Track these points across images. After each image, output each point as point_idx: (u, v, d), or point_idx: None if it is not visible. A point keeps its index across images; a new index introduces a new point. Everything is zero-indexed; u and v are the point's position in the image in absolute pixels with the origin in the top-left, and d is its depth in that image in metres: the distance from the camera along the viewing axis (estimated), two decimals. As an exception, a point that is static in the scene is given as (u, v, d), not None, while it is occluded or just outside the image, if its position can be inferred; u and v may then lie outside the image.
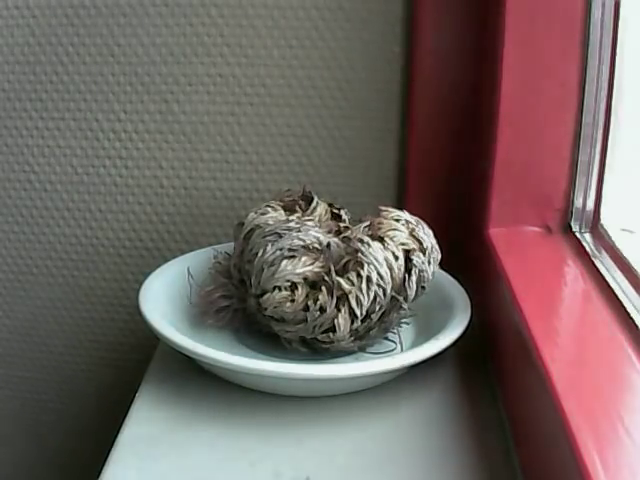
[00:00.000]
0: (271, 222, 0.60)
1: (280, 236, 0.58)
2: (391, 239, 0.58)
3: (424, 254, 0.59)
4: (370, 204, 0.67)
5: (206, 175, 0.79)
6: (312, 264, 0.57)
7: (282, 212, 0.62)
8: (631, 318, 0.50)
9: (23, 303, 0.86)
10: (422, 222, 0.61)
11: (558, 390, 0.42)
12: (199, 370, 0.59)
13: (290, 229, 0.58)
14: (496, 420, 0.56)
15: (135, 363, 0.85)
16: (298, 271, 0.57)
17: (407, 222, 0.60)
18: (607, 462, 0.37)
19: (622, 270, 0.56)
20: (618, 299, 0.52)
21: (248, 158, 0.78)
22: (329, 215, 0.64)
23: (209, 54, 0.75)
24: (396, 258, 0.57)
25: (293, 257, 0.57)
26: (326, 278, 0.56)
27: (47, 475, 0.95)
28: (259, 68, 0.75)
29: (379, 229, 0.59)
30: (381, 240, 0.58)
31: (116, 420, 0.56)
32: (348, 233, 0.60)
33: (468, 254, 0.72)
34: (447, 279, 0.66)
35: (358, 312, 0.56)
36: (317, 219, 0.62)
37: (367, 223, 0.60)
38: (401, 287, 0.58)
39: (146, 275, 0.67)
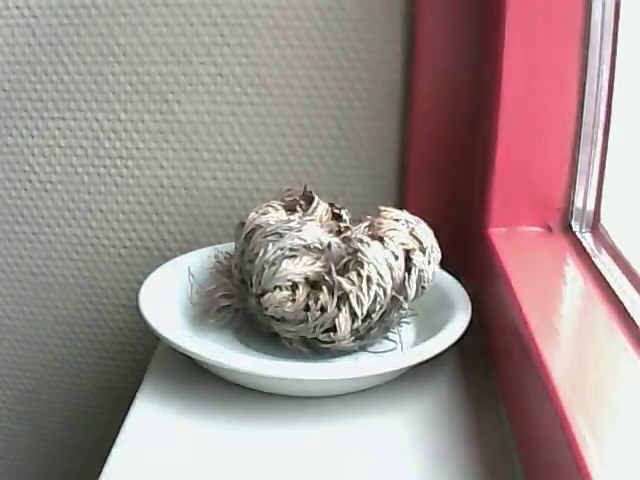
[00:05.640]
0: (272, 222, 0.60)
1: (281, 236, 0.58)
2: (391, 239, 0.58)
3: (424, 254, 0.59)
4: (370, 204, 0.67)
5: (207, 175, 0.79)
6: (313, 264, 0.57)
7: (283, 212, 0.62)
8: (631, 318, 0.50)
9: (23, 303, 0.86)
10: (422, 222, 0.61)
11: (558, 389, 0.43)
12: (199, 370, 0.59)
13: (291, 229, 0.58)
14: (496, 420, 0.56)
15: (135, 363, 0.86)
16: (299, 271, 0.57)
17: (407, 222, 0.60)
18: (607, 461, 0.37)
19: (622, 270, 0.56)
20: (618, 299, 0.52)
21: (249, 158, 0.78)
22: (330, 215, 0.64)
23: (210, 54, 0.75)
24: (396, 258, 0.57)
25: (294, 257, 0.57)
26: (327, 278, 0.56)
27: (48, 474, 0.95)
28: (260, 68, 0.75)
29: (379, 229, 0.59)
30: (381, 240, 0.58)
31: (116, 420, 0.56)
32: (348, 233, 0.60)
33: (468, 254, 0.72)
34: (447, 279, 0.66)
35: (359, 312, 0.56)
36: (318, 219, 0.62)
37: (367, 223, 0.60)
38: (401, 287, 0.58)
39: (146, 275, 0.67)
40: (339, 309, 0.56)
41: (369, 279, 0.56)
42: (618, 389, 0.45)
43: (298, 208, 0.64)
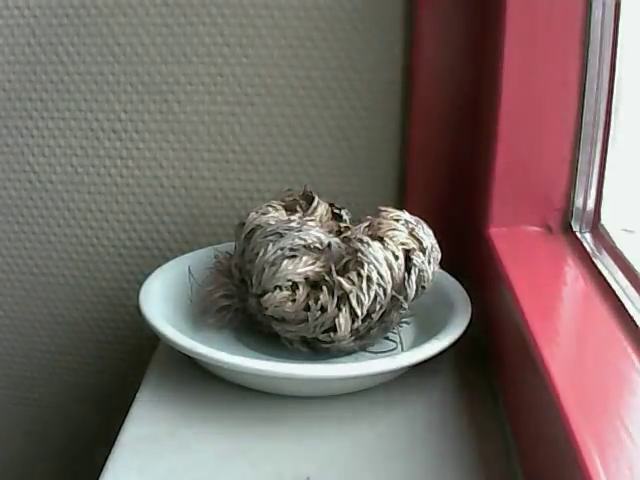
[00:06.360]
0: (272, 222, 0.60)
1: (281, 236, 0.58)
2: (391, 239, 0.58)
3: (424, 254, 0.59)
4: (370, 204, 0.67)
5: (207, 175, 0.79)
6: (313, 264, 0.57)
7: (283, 212, 0.62)
8: (631, 318, 0.50)
9: (23, 303, 0.86)
10: (422, 222, 0.61)
11: (558, 390, 0.43)
12: (199, 370, 0.59)
13: (291, 229, 0.58)
14: (496, 420, 0.56)
15: (135, 363, 0.85)
16: (299, 271, 0.57)
17: (407, 222, 0.60)
18: (607, 462, 0.37)
19: (622, 270, 0.56)
20: (618, 299, 0.52)
21: (249, 158, 0.78)
22: (330, 215, 0.64)
23: (210, 54, 0.75)
24: (396, 258, 0.57)
25: (294, 257, 0.57)
26: (327, 278, 0.56)
27: (47, 475, 0.95)
28: (260, 68, 0.75)
29: (379, 229, 0.59)
30: (381, 240, 0.58)
31: (116, 420, 0.56)
32: (348, 233, 0.60)
33: (468, 254, 0.72)
34: (447, 279, 0.66)
35: (359, 312, 0.56)
36: (318, 219, 0.62)
37: (367, 223, 0.60)
38: (401, 287, 0.58)
39: (146, 275, 0.67)
40: (339, 309, 0.56)
41: (369, 279, 0.56)
42: (618, 389, 0.45)
43: (298, 208, 0.64)
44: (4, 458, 0.95)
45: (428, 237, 0.60)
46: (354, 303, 0.56)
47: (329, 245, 0.57)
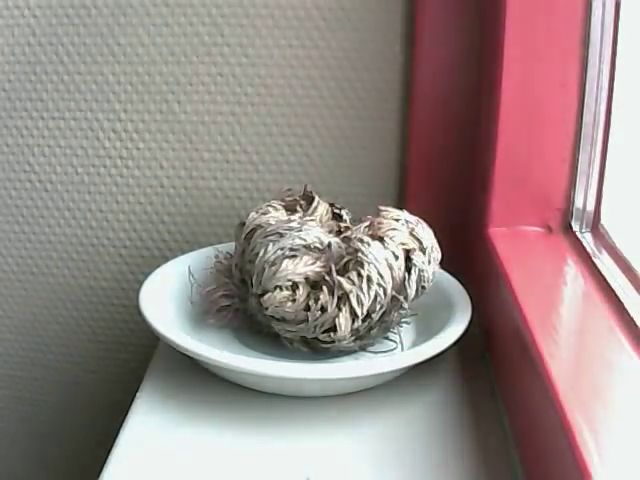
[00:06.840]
0: (272, 222, 0.60)
1: (281, 236, 0.58)
2: (391, 239, 0.58)
3: (424, 254, 0.59)
4: (370, 204, 0.67)
5: (207, 175, 0.79)
6: (313, 264, 0.57)
7: (283, 212, 0.62)
8: (631, 318, 0.50)
9: (23, 303, 0.86)
10: (422, 222, 0.61)
11: (558, 389, 0.43)
12: (199, 370, 0.59)
13: (291, 229, 0.58)
14: (496, 419, 0.56)
15: (135, 363, 0.86)
16: (299, 271, 0.57)
17: (407, 222, 0.60)
18: (606, 460, 0.37)
19: (622, 270, 0.56)
20: (618, 299, 0.52)
21: (249, 158, 0.78)
22: (330, 215, 0.64)
23: (210, 54, 0.75)
24: (396, 258, 0.57)
25: (294, 257, 0.57)
26: (327, 278, 0.56)
27: (47, 475, 0.95)
28: (260, 68, 0.75)
29: (379, 229, 0.59)
30: (381, 240, 0.58)
31: (116, 420, 0.56)
32: (348, 233, 0.60)
33: (468, 254, 0.72)
34: (447, 279, 0.66)
35: (359, 311, 0.56)
36: (318, 219, 0.62)
37: (367, 223, 0.60)
38: (401, 286, 0.58)
39: (146, 275, 0.67)
40: (339, 309, 0.56)
41: (369, 279, 0.56)
42: (618, 389, 0.45)
43: (298, 208, 0.64)
44: (3, 458, 0.95)
45: (428, 237, 0.60)
46: (354, 303, 0.56)
47: (329, 245, 0.57)
